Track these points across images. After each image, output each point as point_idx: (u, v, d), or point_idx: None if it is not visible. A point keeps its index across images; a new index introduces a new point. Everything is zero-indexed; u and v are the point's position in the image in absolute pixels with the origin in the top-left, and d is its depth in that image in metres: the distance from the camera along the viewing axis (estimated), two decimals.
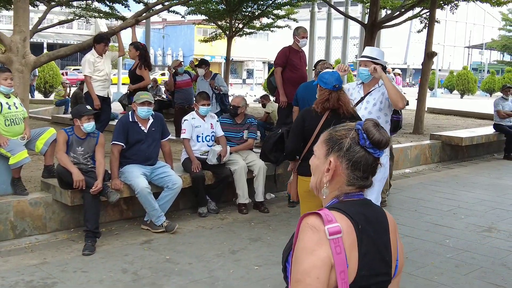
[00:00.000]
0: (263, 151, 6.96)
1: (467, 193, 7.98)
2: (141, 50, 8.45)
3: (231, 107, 6.92)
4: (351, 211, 1.66)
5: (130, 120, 5.86)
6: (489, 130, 11.83)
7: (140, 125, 5.87)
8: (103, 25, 43.89)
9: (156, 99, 11.70)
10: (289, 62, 7.59)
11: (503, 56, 58.91)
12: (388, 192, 7.27)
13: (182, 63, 10.94)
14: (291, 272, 1.59)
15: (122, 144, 5.77)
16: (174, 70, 10.41)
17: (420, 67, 13.19)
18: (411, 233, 5.96)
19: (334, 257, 1.51)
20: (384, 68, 5.07)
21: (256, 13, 17.74)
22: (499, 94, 18.05)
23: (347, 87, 5.14)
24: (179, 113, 9.79)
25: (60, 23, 13.66)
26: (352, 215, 1.64)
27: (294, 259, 1.58)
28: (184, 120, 6.70)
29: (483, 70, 55.65)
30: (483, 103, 26.99)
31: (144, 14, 10.26)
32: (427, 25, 13.63)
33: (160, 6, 10.77)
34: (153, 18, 15.47)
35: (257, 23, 20.12)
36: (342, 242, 1.54)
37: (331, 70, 4.59)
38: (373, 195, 5.00)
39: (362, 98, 4.98)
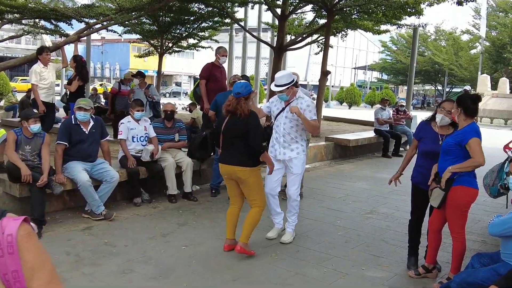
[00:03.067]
0: (190, 150, 6.92)
1: (353, 184, 8.32)
2: (78, 63, 8.13)
3: (169, 112, 6.79)
4: None
5: (73, 122, 5.65)
6: (370, 134, 12.33)
7: (81, 127, 5.66)
8: (48, 40, 41.70)
9: (95, 105, 11.27)
10: (211, 76, 7.59)
11: (382, 75, 61.92)
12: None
13: (132, 79, 10.53)
14: None
15: (66, 143, 5.54)
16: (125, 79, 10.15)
17: (317, 83, 13.58)
18: (310, 215, 6.13)
19: None
20: (296, 83, 5.10)
21: (184, 35, 17.56)
22: (378, 105, 18.92)
23: (272, 99, 5.22)
24: (119, 117, 9.52)
25: (10, 38, 12.87)
26: None
27: None
28: (121, 123, 6.53)
29: (366, 87, 58.23)
30: (366, 112, 28.22)
31: (85, 31, 9.86)
32: (323, 49, 14.05)
33: (99, 25, 10.38)
34: (93, 36, 14.91)
35: (184, 43, 19.87)
36: None
37: (240, 81, 4.67)
38: (295, 185, 5.10)
39: (283, 109, 5.07)
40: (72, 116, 5.72)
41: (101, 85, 44.13)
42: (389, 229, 5.77)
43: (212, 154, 6.95)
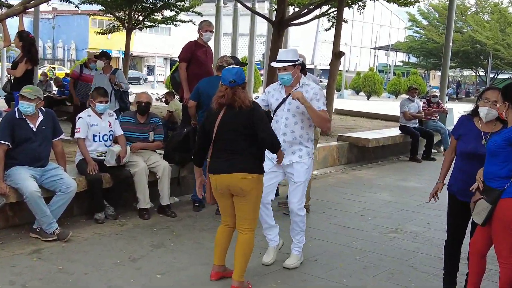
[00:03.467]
0: (167, 152, 6.92)
1: (373, 195, 8.35)
2: (24, 41, 8.07)
3: (143, 104, 6.79)
4: None
5: (17, 116, 5.59)
6: (395, 131, 12.42)
7: (28, 122, 5.62)
8: None
9: (46, 95, 11.24)
10: (194, 57, 7.59)
11: (409, 58, 62.19)
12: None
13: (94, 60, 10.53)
14: None
15: (8, 143, 5.49)
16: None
17: (327, 67, 13.61)
18: (319, 235, 6.15)
19: None
20: (303, 67, 5.13)
21: (158, 5, 17.55)
22: (404, 96, 18.97)
23: (269, 89, 5.24)
24: (79, 109, 9.51)
25: None
26: None
27: None
28: (79, 118, 6.51)
29: (389, 72, 58.49)
30: (389, 105, 28.33)
31: (33, 1, 9.82)
32: (334, 24, 14.11)
33: None
34: (43, 7, 14.88)
35: (158, 16, 19.87)
36: None
37: (231, 66, 4.68)
38: (297, 197, 5.08)
39: (284, 99, 5.04)
40: (16, 109, 5.69)
41: (53, 68, 44.08)
42: (418, 252, 5.79)
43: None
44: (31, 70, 8.19)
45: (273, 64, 5.07)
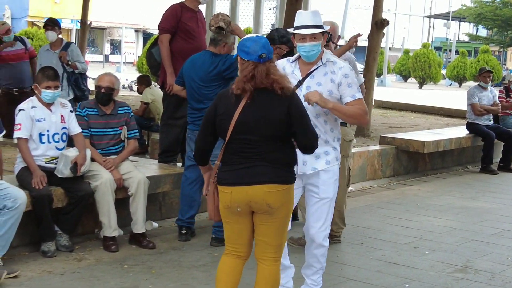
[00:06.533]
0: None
1: (431, 220, 8.34)
2: None
3: (102, 90, 6.81)
4: None
5: None
6: (460, 131, 12.45)
7: None
8: None
9: None
10: (181, 27, 7.66)
11: (477, 31, 62.14)
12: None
13: (11, 28, 10.65)
14: None
15: None
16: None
17: (363, 43, 13.60)
18: (356, 275, 6.14)
19: None
20: (329, 39, 5.12)
21: None
22: (473, 83, 18.94)
23: (278, 67, 5.23)
24: (3, 100, 9.60)
25: None
26: None
27: None
28: (20, 110, 6.51)
29: (450, 50, 58.47)
30: (450, 95, 28.32)
31: None
32: None
33: None
34: None
35: None
36: None
37: (255, 35, 4.67)
38: (321, 220, 5.07)
39: (300, 83, 5.03)
40: None
41: None
42: None
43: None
44: None
45: (301, 31, 4.90)
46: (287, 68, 5.09)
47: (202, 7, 8.09)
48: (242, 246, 4.56)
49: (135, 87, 14.80)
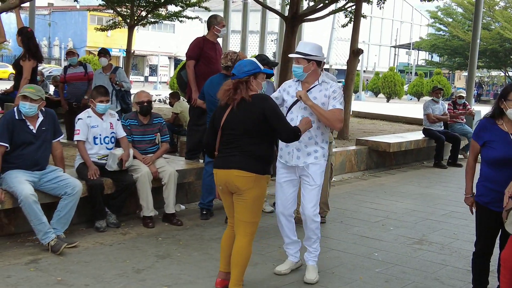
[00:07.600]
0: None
1: (395, 203, 8.33)
2: (23, 36, 8.03)
3: (145, 103, 6.81)
4: None
5: (16, 117, 5.60)
6: (418, 135, 12.41)
7: (28, 123, 5.65)
8: None
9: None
10: (203, 55, 7.66)
11: (432, 57, 61.97)
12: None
13: (76, 52, 10.73)
14: None
15: (6, 144, 5.50)
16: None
17: (343, 67, 13.59)
18: (337, 246, 6.14)
19: None
20: (320, 64, 5.15)
21: (162, 0, 17.62)
22: (427, 98, 18.86)
23: (284, 86, 5.29)
24: (72, 112, 9.65)
25: None
26: None
27: None
28: (78, 119, 6.53)
29: (411, 72, 58.33)
30: (411, 107, 28.25)
31: None
32: (352, 20, 14.11)
33: None
34: (38, 2, 14.99)
35: (162, 11, 19.97)
36: None
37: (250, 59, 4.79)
38: (313, 201, 5.09)
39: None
40: (16, 109, 5.68)
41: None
42: (445, 264, 5.78)
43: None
44: (35, 68, 8.09)
45: (290, 54, 5.26)
46: (293, 85, 5.22)
47: (220, 40, 8.08)
48: (232, 219, 4.73)
49: (168, 101, 14.82)
